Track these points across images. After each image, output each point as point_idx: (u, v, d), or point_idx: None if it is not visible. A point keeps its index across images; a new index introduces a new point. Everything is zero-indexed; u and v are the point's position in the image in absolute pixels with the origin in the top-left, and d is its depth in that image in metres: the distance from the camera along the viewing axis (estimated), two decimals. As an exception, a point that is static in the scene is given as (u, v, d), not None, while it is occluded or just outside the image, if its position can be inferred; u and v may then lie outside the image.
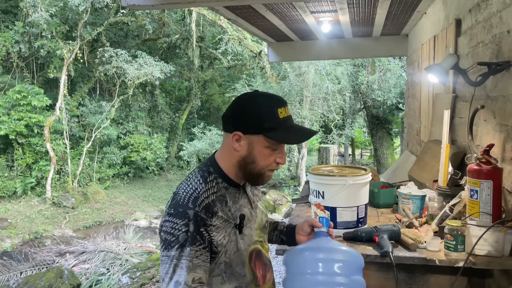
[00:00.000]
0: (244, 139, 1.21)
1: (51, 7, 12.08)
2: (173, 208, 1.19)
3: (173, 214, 1.18)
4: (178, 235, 1.15)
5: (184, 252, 1.15)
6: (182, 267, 1.14)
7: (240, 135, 1.21)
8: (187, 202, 1.19)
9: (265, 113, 1.20)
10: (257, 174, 1.25)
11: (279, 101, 1.23)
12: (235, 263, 1.26)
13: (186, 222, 1.16)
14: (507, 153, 1.75)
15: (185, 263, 1.14)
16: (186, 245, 1.15)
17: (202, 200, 1.20)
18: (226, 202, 1.25)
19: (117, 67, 13.08)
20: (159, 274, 1.20)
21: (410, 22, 4.34)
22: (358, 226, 1.91)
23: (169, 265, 1.15)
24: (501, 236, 1.57)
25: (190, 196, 1.20)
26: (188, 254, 1.15)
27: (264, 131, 1.20)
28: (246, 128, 1.21)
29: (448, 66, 2.13)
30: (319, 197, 1.91)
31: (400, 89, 11.17)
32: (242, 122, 1.21)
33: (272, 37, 5.29)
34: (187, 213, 1.16)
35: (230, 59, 14.84)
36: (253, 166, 1.24)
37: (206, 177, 1.25)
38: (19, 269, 7.30)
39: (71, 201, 12.08)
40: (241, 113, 1.22)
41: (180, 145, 15.32)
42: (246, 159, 1.23)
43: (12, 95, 11.77)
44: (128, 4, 2.74)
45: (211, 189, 1.23)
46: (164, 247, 1.17)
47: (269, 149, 1.22)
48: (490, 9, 1.99)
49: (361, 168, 2.02)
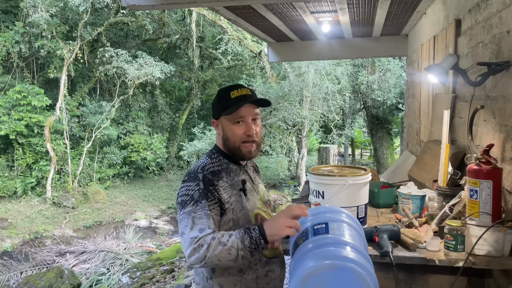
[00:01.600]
0: (219, 124, 1.53)
1: (51, 7, 12.08)
2: (186, 176, 1.46)
3: (186, 180, 1.45)
4: (191, 194, 1.39)
5: (199, 205, 1.37)
6: (201, 216, 1.36)
7: (215, 121, 1.55)
8: (196, 170, 1.46)
9: (221, 99, 1.51)
10: (234, 148, 1.50)
11: (234, 86, 1.52)
12: (241, 221, 1.45)
13: (197, 183, 1.41)
14: (507, 153, 1.76)
15: (203, 213, 1.36)
16: (200, 199, 1.38)
17: (208, 167, 1.47)
18: (229, 173, 1.50)
19: (117, 67, 13.08)
20: (178, 231, 1.39)
21: (410, 22, 4.34)
22: None
23: (187, 219, 1.36)
24: (501, 236, 1.57)
25: (199, 166, 1.48)
26: (203, 207, 1.37)
27: (222, 111, 1.49)
28: (215, 114, 1.54)
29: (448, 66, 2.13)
30: (319, 197, 1.91)
31: (400, 89, 11.17)
32: (213, 111, 1.56)
33: (272, 37, 5.29)
34: (197, 176, 1.43)
35: (230, 59, 14.84)
36: (229, 142, 1.50)
37: (210, 155, 1.55)
38: (19, 269, 7.30)
39: (71, 201, 12.08)
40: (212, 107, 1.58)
41: (180, 145, 15.32)
42: (224, 138, 1.52)
43: (12, 95, 11.78)
44: (128, 4, 2.74)
45: (216, 162, 1.51)
46: (181, 207, 1.40)
47: (234, 125, 1.49)
48: (490, 9, 1.99)
49: (361, 168, 2.03)
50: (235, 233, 1.33)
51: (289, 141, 13.37)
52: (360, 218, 1.92)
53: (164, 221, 12.18)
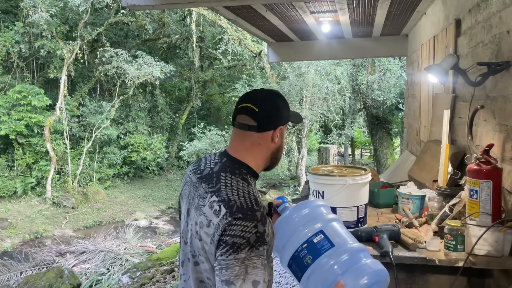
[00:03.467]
0: (281, 131, 1.32)
1: (51, 7, 12.08)
2: (240, 213, 1.17)
3: (242, 218, 1.16)
4: (248, 237, 1.15)
5: (255, 252, 1.15)
6: (256, 266, 1.15)
7: (282, 128, 1.31)
8: (252, 205, 1.19)
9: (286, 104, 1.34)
10: (280, 158, 1.37)
11: None
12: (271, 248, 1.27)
13: (256, 224, 1.16)
14: (507, 153, 1.76)
15: (259, 262, 1.16)
16: (257, 245, 1.16)
17: (260, 200, 1.23)
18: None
19: (117, 67, 13.08)
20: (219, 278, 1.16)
21: (410, 22, 4.34)
22: (358, 226, 1.91)
23: (239, 267, 1.14)
24: (501, 236, 1.57)
25: (250, 198, 1.21)
26: (260, 254, 1.16)
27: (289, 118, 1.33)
28: (284, 120, 1.32)
29: (448, 66, 2.13)
30: (319, 197, 1.91)
31: (400, 89, 11.17)
32: (280, 116, 1.31)
33: (272, 37, 5.29)
34: (256, 215, 1.17)
35: (230, 59, 14.84)
36: (281, 152, 1.36)
37: (247, 179, 1.27)
38: (19, 269, 7.30)
39: (71, 201, 12.08)
40: (283, 108, 1.32)
41: (180, 145, 15.32)
42: (279, 147, 1.34)
43: (12, 95, 11.78)
44: (128, 4, 2.74)
45: (255, 187, 1.28)
46: (232, 251, 1.15)
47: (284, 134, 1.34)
48: (490, 9, 1.99)
49: (361, 168, 2.03)
50: None
51: (289, 141, 13.37)
52: (360, 218, 1.92)
53: (164, 221, 12.18)
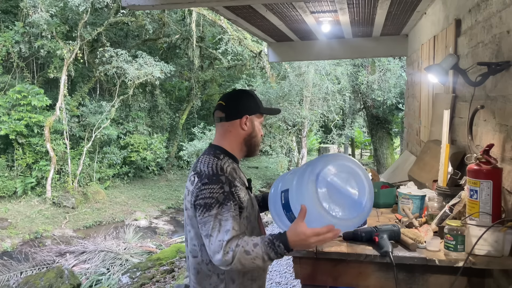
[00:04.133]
0: (249, 120, 1.60)
1: (51, 7, 12.08)
2: (206, 179, 1.46)
3: (208, 182, 1.45)
4: (216, 197, 1.43)
5: (224, 208, 1.42)
6: (227, 219, 1.41)
7: (247, 117, 1.60)
8: (215, 172, 1.48)
9: (256, 98, 1.64)
10: (257, 144, 1.65)
11: None
12: (252, 217, 1.58)
13: (221, 185, 1.45)
14: (507, 153, 1.76)
15: (229, 215, 1.42)
16: (225, 202, 1.43)
17: (226, 167, 1.51)
18: (237, 172, 1.58)
19: (117, 67, 13.08)
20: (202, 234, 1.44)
21: (410, 22, 4.34)
22: (358, 226, 1.90)
23: (213, 221, 1.41)
24: (501, 236, 1.57)
25: (216, 167, 1.49)
26: (228, 209, 1.43)
27: (258, 110, 1.63)
28: (250, 110, 1.61)
29: (448, 66, 2.13)
30: None
31: (400, 89, 11.17)
32: (244, 107, 1.60)
33: (272, 37, 5.29)
34: (220, 179, 1.46)
35: (230, 59, 14.84)
36: (257, 139, 1.64)
37: (218, 155, 1.56)
38: (19, 269, 7.30)
39: (71, 201, 12.08)
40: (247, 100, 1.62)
41: (180, 145, 15.32)
42: (253, 134, 1.62)
43: (12, 95, 11.78)
44: (128, 4, 2.74)
45: (227, 162, 1.55)
46: (205, 210, 1.43)
47: (260, 126, 1.66)
48: (490, 9, 1.99)
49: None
50: (259, 243, 1.38)
51: (289, 141, 13.37)
52: None
53: (164, 221, 12.18)
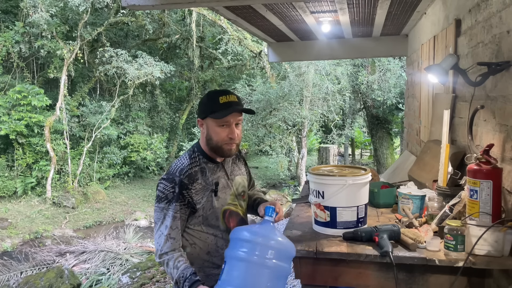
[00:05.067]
0: (203, 123, 1.70)
1: (51, 7, 12.08)
2: (166, 174, 1.68)
3: (165, 179, 1.66)
4: (167, 194, 1.64)
5: (171, 206, 1.63)
6: (169, 216, 1.63)
7: (200, 120, 1.72)
8: (175, 172, 1.66)
9: (210, 101, 1.67)
10: (217, 147, 1.68)
11: (223, 92, 1.68)
12: (210, 217, 1.71)
13: (173, 186, 1.63)
14: (507, 153, 1.76)
15: (171, 214, 1.63)
16: (172, 201, 1.63)
17: (186, 171, 1.66)
18: (205, 173, 1.70)
19: (117, 67, 13.07)
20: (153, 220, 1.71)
21: (410, 22, 4.34)
22: (358, 226, 1.91)
23: (160, 213, 1.65)
24: (501, 236, 1.57)
25: (178, 168, 1.68)
26: (173, 208, 1.63)
27: (209, 113, 1.66)
28: (202, 114, 1.70)
29: (448, 66, 2.13)
30: (319, 197, 1.91)
31: (400, 89, 11.17)
32: (199, 111, 1.72)
33: (272, 37, 5.29)
34: (174, 179, 1.64)
35: (230, 59, 14.83)
36: (212, 141, 1.68)
37: (191, 155, 1.73)
38: (19, 269, 7.30)
39: (71, 201, 12.08)
40: (198, 106, 1.74)
41: (180, 145, 15.32)
42: (207, 137, 1.69)
43: (12, 95, 11.78)
44: (128, 4, 2.74)
45: (194, 163, 1.70)
46: (157, 201, 1.66)
47: (219, 127, 1.66)
48: (490, 9, 1.99)
49: (361, 168, 2.02)
50: (180, 269, 1.58)
51: (289, 141, 13.37)
52: (360, 218, 1.92)
53: (164, 221, 12.16)
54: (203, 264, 1.73)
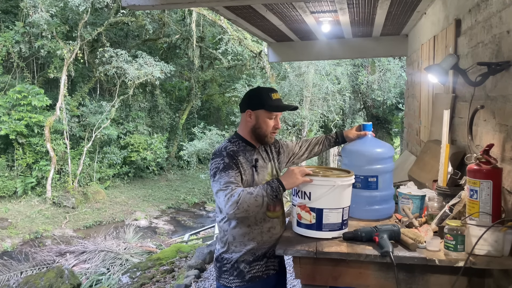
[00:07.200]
0: (253, 114, 1.93)
1: (51, 7, 12.09)
2: (212, 155, 1.91)
3: (213, 157, 1.89)
4: (219, 166, 1.83)
5: (225, 172, 1.81)
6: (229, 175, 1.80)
7: (249, 111, 1.93)
8: (220, 150, 1.90)
9: (263, 95, 1.93)
10: (264, 135, 1.95)
11: (272, 89, 1.99)
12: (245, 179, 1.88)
13: (222, 158, 1.85)
14: (507, 153, 1.76)
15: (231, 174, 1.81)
16: (225, 170, 1.82)
17: (229, 148, 1.90)
18: (245, 153, 1.93)
19: (117, 67, 13.08)
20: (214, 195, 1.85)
21: (410, 22, 4.34)
22: (342, 228, 1.88)
23: (219, 182, 1.80)
24: (501, 236, 1.57)
25: (222, 147, 1.92)
26: (229, 174, 1.81)
27: (263, 106, 1.91)
28: (254, 106, 1.93)
29: (448, 66, 2.12)
30: (305, 198, 1.87)
31: (400, 89, 11.18)
32: (250, 103, 1.95)
33: (272, 37, 5.30)
34: (222, 153, 1.87)
35: (230, 59, 14.83)
36: (261, 130, 1.94)
37: (230, 140, 1.98)
38: (19, 269, 7.31)
39: (71, 201, 12.09)
40: (249, 98, 1.97)
41: (180, 145, 15.32)
42: (256, 126, 1.93)
43: (12, 95, 11.78)
44: (128, 4, 2.74)
45: (234, 145, 1.93)
46: (212, 178, 1.84)
47: (268, 119, 1.93)
48: (490, 9, 1.99)
49: (345, 170, 2.00)
50: (258, 186, 1.80)
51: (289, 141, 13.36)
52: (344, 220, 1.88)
53: (164, 221, 12.18)
54: (244, 237, 1.89)
